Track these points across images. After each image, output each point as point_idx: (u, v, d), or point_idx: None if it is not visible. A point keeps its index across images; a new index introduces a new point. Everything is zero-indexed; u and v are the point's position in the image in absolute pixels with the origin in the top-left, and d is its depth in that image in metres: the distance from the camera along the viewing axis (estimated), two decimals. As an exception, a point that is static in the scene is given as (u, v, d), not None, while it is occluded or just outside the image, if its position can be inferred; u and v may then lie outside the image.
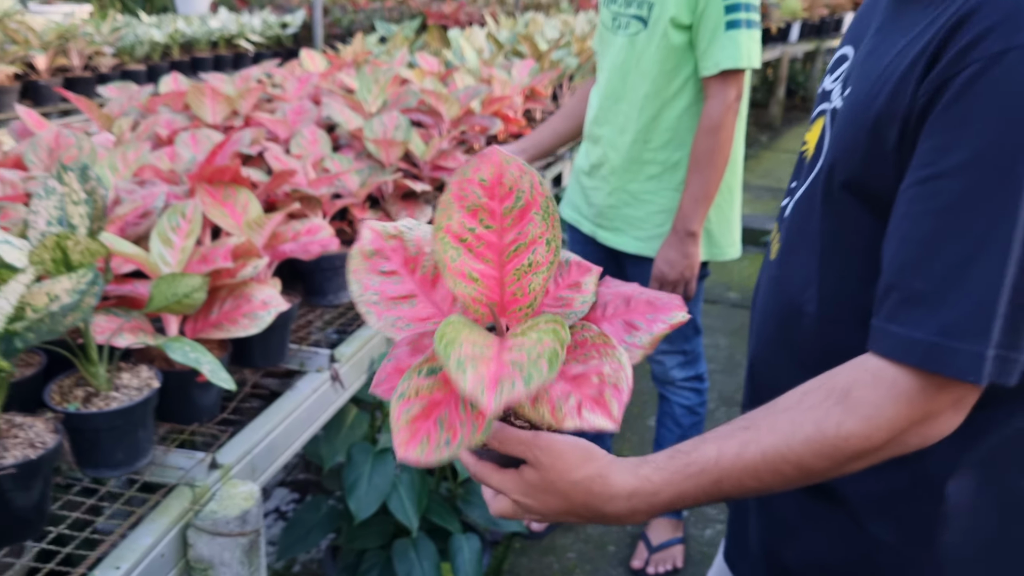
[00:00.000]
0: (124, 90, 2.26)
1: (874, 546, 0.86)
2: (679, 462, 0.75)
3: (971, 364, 0.69)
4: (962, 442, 0.79)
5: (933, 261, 0.70)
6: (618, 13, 1.97)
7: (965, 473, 0.82)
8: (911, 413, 0.71)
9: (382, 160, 1.93)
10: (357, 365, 1.58)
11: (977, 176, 0.68)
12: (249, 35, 4.62)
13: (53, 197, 1.11)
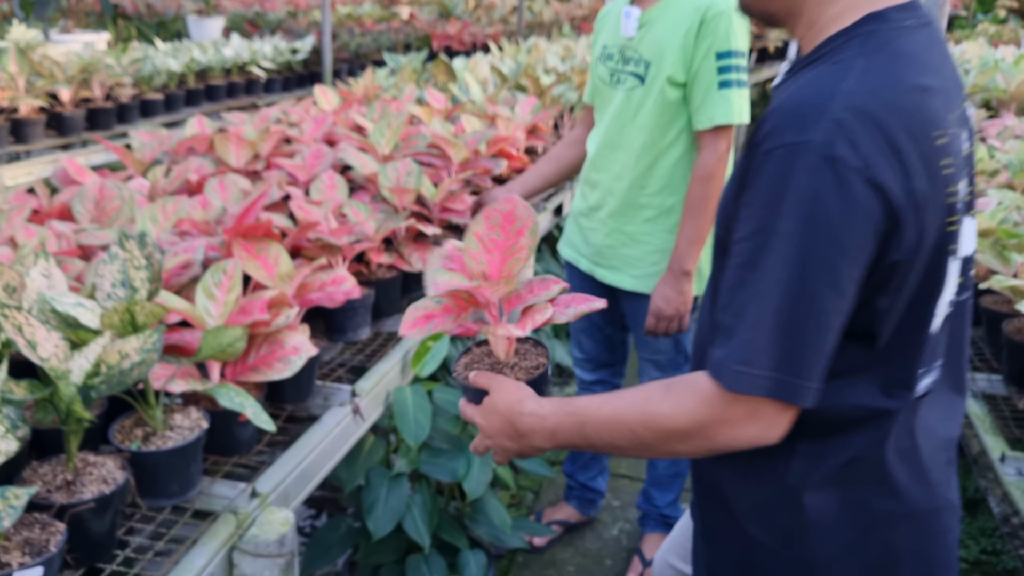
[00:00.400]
0: (154, 135, 2.43)
1: (758, 547, 1.06)
2: (563, 402, 1.05)
3: (743, 382, 0.90)
4: (813, 462, 1.00)
5: (732, 302, 0.92)
6: (615, 70, 2.13)
7: (818, 489, 1.01)
8: (708, 412, 0.94)
9: (395, 204, 2.10)
10: (375, 398, 1.75)
11: (755, 243, 0.90)
12: (261, 62, 4.80)
13: (116, 262, 1.28)
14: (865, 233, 0.87)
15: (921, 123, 0.89)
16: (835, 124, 0.86)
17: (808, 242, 0.87)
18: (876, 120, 0.87)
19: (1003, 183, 2.64)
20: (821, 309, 0.88)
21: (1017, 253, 1.92)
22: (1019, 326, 1.83)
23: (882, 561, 1.03)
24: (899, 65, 0.91)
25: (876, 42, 0.93)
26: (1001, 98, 4.01)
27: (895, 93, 0.89)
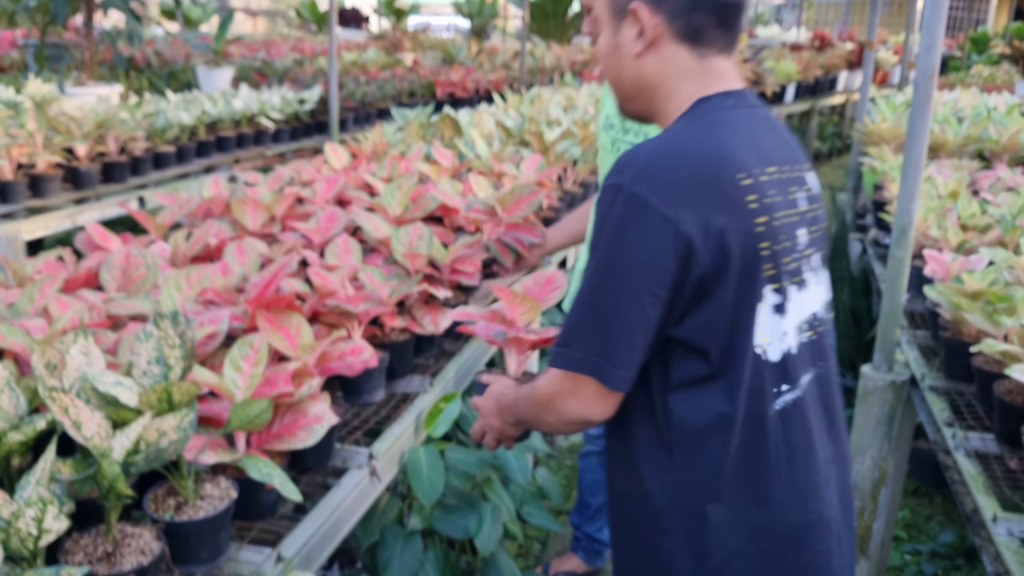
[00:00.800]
0: (174, 198, 2.52)
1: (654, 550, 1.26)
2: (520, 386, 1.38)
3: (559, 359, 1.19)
4: (687, 471, 1.20)
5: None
6: (616, 139, 2.23)
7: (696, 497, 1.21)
8: (549, 387, 1.23)
9: (408, 268, 2.18)
10: (390, 459, 1.81)
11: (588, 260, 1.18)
12: (270, 112, 4.92)
13: (151, 340, 1.36)
14: (661, 252, 1.11)
15: (722, 166, 1.14)
16: (640, 169, 1.13)
17: (613, 257, 1.14)
18: (674, 165, 1.13)
19: (995, 239, 2.71)
20: (624, 309, 1.13)
21: (1007, 316, 1.99)
22: (1010, 387, 1.90)
23: (757, 569, 1.20)
24: (709, 127, 1.18)
25: (696, 114, 1.21)
26: (994, 149, 4.11)
27: (697, 144, 1.15)
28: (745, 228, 1.13)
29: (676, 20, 1.22)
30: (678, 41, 1.23)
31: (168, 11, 9.31)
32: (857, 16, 21.63)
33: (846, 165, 9.69)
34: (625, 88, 1.30)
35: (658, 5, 1.22)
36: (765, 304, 1.17)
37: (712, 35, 1.23)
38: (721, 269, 1.13)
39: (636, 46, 1.24)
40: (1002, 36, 13.01)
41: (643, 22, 1.22)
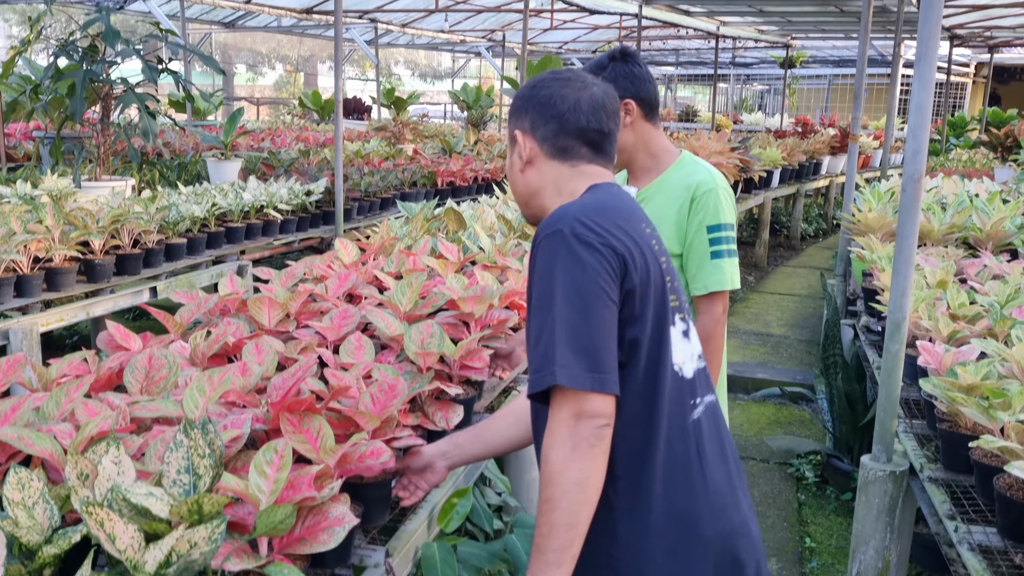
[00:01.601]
0: (191, 296, 2.60)
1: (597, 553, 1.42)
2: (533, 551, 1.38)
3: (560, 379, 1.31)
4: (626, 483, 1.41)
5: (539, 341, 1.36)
6: None
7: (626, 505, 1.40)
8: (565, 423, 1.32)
9: (420, 366, 2.25)
10: (405, 555, 1.85)
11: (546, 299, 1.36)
12: (278, 204, 5.05)
13: (181, 449, 1.42)
14: (609, 270, 1.35)
15: (631, 215, 1.45)
16: (574, 218, 1.39)
17: (573, 286, 1.34)
18: (599, 212, 1.41)
19: (984, 329, 2.80)
20: (600, 321, 1.33)
21: (1003, 411, 2.05)
22: (1010, 481, 1.95)
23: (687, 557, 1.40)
24: (609, 194, 1.50)
25: (593, 190, 1.52)
26: (978, 237, 4.23)
27: (611, 200, 1.47)
28: (655, 262, 1.43)
29: (545, 143, 1.56)
30: (550, 158, 1.56)
31: (176, 102, 9.59)
32: (837, 101, 22.26)
33: (832, 246, 9.87)
34: (519, 196, 1.63)
35: (531, 132, 1.56)
36: (676, 329, 1.45)
37: (580, 152, 1.56)
38: (646, 290, 1.39)
39: (519, 164, 1.59)
40: (978, 120, 13.40)
41: (519, 145, 1.58)
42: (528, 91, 1.59)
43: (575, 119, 1.54)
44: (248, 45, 29.04)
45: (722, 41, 14.66)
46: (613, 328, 1.35)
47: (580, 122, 1.54)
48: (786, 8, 10.84)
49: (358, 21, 12.95)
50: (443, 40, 15.86)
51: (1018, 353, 2.34)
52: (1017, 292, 3.08)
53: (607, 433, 1.33)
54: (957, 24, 11.26)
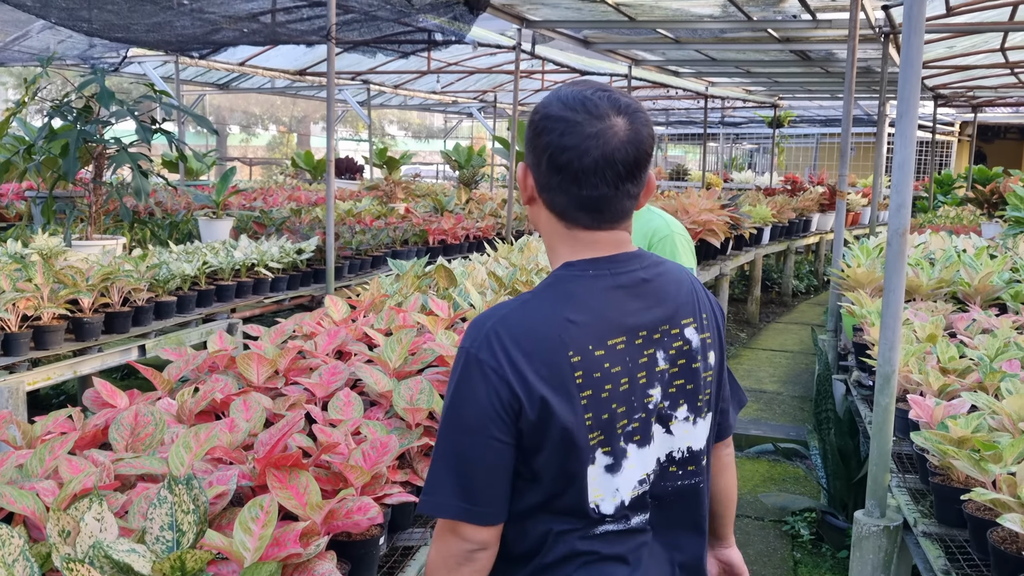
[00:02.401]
0: (180, 353, 2.59)
1: None
2: None
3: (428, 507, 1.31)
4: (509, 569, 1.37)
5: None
6: None
7: None
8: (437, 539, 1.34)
9: (409, 421, 2.23)
10: (392, 618, 1.81)
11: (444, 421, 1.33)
12: (268, 262, 5.06)
13: (164, 505, 1.40)
14: (499, 406, 1.28)
15: (554, 345, 1.29)
16: (485, 336, 1.30)
17: (460, 413, 1.30)
18: (514, 337, 1.29)
19: (975, 383, 2.80)
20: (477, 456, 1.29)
21: (994, 463, 2.04)
22: (1004, 535, 1.93)
23: None
24: (553, 302, 1.32)
25: (550, 283, 1.36)
26: (967, 292, 4.27)
27: (537, 320, 1.30)
28: (567, 401, 1.29)
29: (542, 193, 1.38)
30: (547, 209, 1.39)
31: (170, 162, 9.67)
32: (825, 159, 22.61)
33: (823, 302, 9.93)
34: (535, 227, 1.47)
35: (532, 170, 1.38)
36: (595, 466, 1.32)
37: (575, 216, 1.36)
38: (544, 431, 1.29)
39: (524, 196, 1.43)
40: (964, 177, 13.61)
41: (523, 180, 1.40)
42: (532, 128, 1.36)
43: (571, 184, 1.32)
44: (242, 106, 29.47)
45: (711, 101, 14.93)
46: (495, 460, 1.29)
47: (576, 190, 1.32)
48: (772, 69, 11.08)
49: (351, 83, 13.17)
50: (435, 101, 16.11)
51: (1008, 406, 2.34)
52: (1006, 346, 3.10)
53: (480, 556, 1.32)
54: (941, 84, 11.52)
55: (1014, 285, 4.27)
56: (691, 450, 1.42)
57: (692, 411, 1.42)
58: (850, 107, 5.27)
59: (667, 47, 9.17)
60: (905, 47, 2.23)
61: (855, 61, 5.23)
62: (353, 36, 7.89)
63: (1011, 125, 21.22)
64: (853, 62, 5.21)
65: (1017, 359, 2.95)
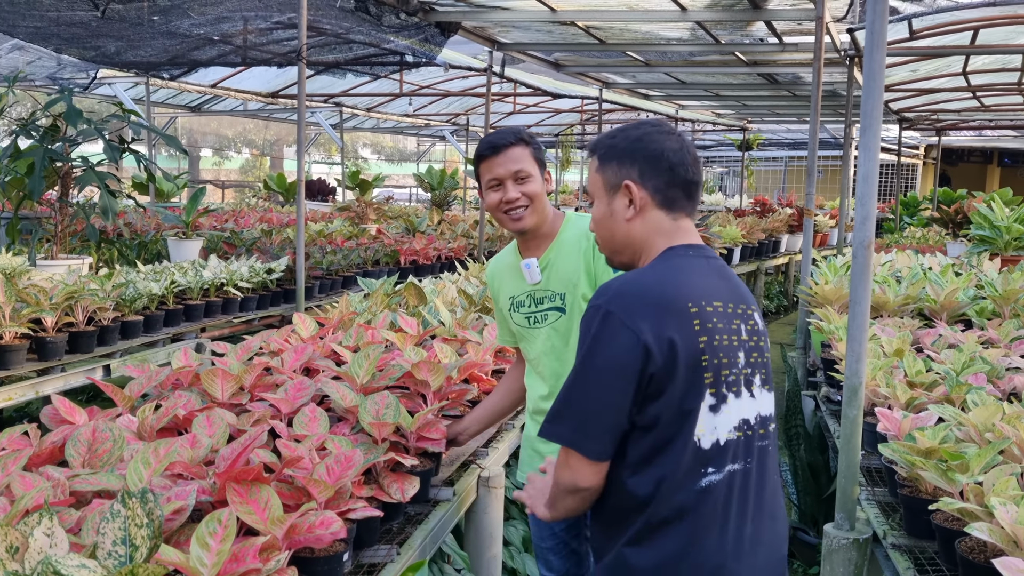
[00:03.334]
0: (142, 369, 2.54)
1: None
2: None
3: (547, 433, 1.58)
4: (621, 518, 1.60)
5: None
6: (530, 313, 2.38)
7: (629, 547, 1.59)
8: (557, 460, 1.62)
9: (375, 436, 2.20)
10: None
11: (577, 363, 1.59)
12: (238, 282, 5.01)
13: (118, 520, 1.36)
14: (628, 353, 1.50)
15: (673, 297, 1.55)
16: (615, 294, 1.56)
17: (594, 357, 1.53)
18: (637, 293, 1.56)
19: (941, 396, 2.82)
20: (599, 396, 1.52)
21: (961, 473, 2.05)
22: (972, 544, 1.93)
23: None
24: (667, 269, 1.62)
25: (662, 258, 1.65)
26: (933, 308, 4.31)
27: (657, 279, 1.59)
28: (689, 342, 1.53)
29: (657, 194, 1.66)
30: (658, 208, 1.66)
31: (140, 184, 9.58)
32: (793, 182, 22.91)
33: (793, 322, 9.99)
34: (616, 245, 1.71)
35: (644, 182, 1.65)
36: (704, 403, 1.55)
37: (681, 203, 1.68)
38: (671, 370, 1.52)
39: (628, 213, 1.67)
40: (930, 199, 13.83)
41: (634, 195, 1.65)
42: (631, 143, 1.67)
43: (683, 171, 1.66)
44: (214, 129, 29.33)
45: (681, 124, 15.09)
46: (614, 403, 1.52)
47: (687, 174, 1.67)
48: (741, 93, 11.23)
49: (323, 105, 13.16)
50: (408, 124, 16.15)
51: (974, 417, 2.35)
52: (972, 360, 3.13)
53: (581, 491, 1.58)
54: (905, 107, 11.72)
55: (979, 302, 4.33)
56: (767, 416, 1.69)
57: (765, 382, 1.69)
58: (816, 127, 5.34)
59: (637, 70, 9.27)
60: (867, 61, 2.26)
61: (820, 83, 5.31)
62: (325, 58, 7.89)
63: (974, 148, 21.65)
64: (819, 83, 5.29)
65: (983, 373, 2.98)
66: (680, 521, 1.55)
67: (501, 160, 2.29)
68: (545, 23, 6.77)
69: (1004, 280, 4.40)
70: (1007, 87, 9.52)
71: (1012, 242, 5.77)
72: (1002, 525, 1.74)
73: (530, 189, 2.31)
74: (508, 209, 2.32)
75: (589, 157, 1.77)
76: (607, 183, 1.69)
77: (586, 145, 11.33)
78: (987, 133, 16.57)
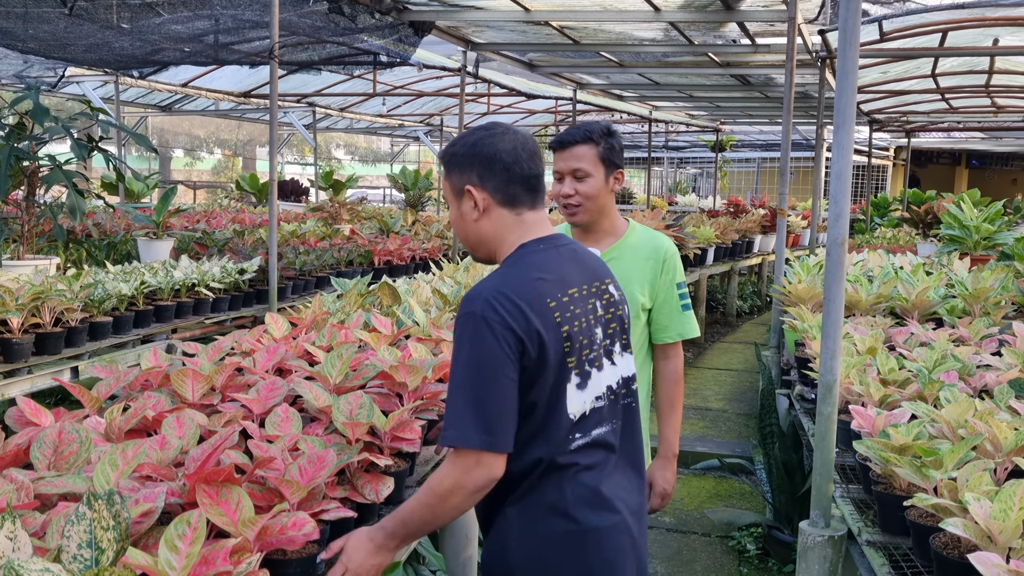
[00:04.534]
0: (111, 370, 2.49)
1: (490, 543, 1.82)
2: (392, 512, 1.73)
3: (459, 440, 1.62)
4: (507, 486, 1.71)
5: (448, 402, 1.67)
6: None
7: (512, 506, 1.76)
8: (454, 468, 1.64)
9: (348, 436, 2.17)
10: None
11: (453, 369, 1.67)
12: (210, 283, 4.95)
13: (83, 522, 1.32)
14: (508, 351, 1.63)
15: (536, 295, 1.69)
16: (484, 301, 1.65)
17: (480, 357, 1.62)
18: (507, 296, 1.66)
19: (914, 393, 2.84)
20: (496, 393, 1.62)
21: (935, 469, 2.06)
22: (946, 540, 1.94)
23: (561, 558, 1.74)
24: (524, 268, 1.74)
25: (514, 259, 1.77)
26: (904, 307, 4.35)
27: (518, 282, 1.70)
28: (554, 335, 1.69)
29: (497, 193, 1.77)
30: (500, 206, 1.78)
31: (109, 184, 9.44)
32: (766, 183, 23.11)
33: (766, 322, 10.07)
34: (471, 243, 1.85)
35: (483, 184, 1.77)
36: (571, 384, 1.73)
37: (523, 198, 1.79)
38: (541, 362, 1.67)
39: (474, 214, 1.79)
40: (900, 200, 14.00)
41: (475, 198, 1.78)
42: (468, 148, 1.78)
43: (519, 168, 1.77)
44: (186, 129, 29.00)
45: (655, 125, 15.15)
46: (508, 396, 1.64)
47: (524, 170, 1.78)
48: (714, 94, 11.29)
49: (296, 105, 13.06)
50: (382, 124, 16.07)
51: (947, 414, 2.37)
52: (943, 358, 3.15)
53: (490, 485, 1.65)
54: (876, 109, 11.85)
55: (949, 300, 4.37)
56: (628, 377, 1.90)
57: (624, 347, 1.90)
58: (788, 128, 5.38)
59: (611, 71, 9.29)
60: (841, 59, 2.27)
61: (793, 83, 5.34)
62: (298, 57, 7.82)
63: (943, 150, 21.95)
64: (791, 84, 5.32)
65: (954, 370, 3.00)
66: (557, 479, 1.73)
67: (565, 156, 2.47)
68: (519, 23, 6.76)
69: (974, 279, 4.45)
70: (975, 89, 9.66)
71: (981, 242, 5.84)
72: (976, 520, 1.74)
73: (584, 188, 2.47)
74: (564, 203, 2.51)
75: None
76: (453, 188, 1.82)
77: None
78: (956, 135, 16.83)
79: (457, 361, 1.65)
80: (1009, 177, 22.91)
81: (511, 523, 1.76)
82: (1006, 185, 22.10)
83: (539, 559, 1.74)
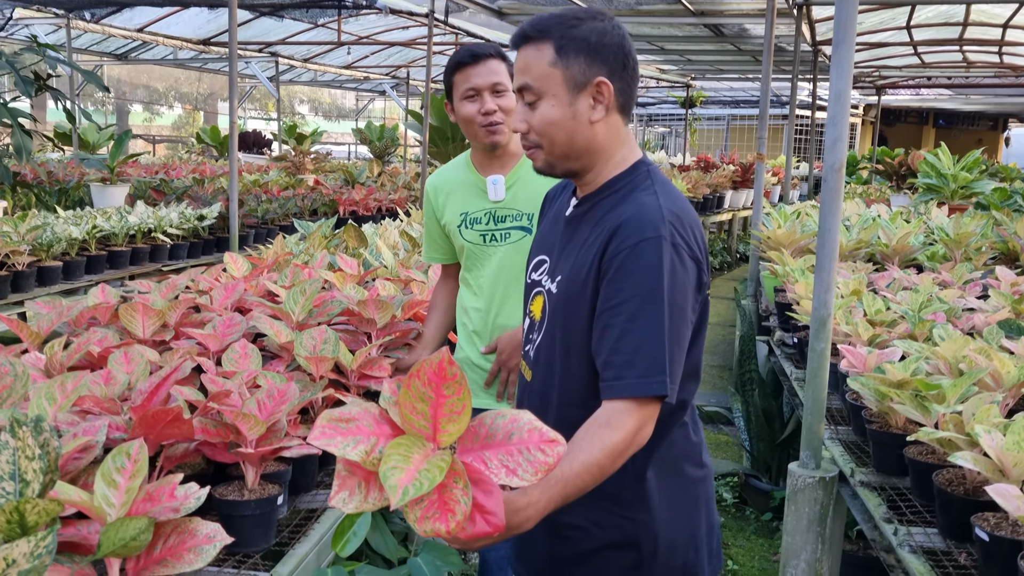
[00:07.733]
0: (52, 305, 2.30)
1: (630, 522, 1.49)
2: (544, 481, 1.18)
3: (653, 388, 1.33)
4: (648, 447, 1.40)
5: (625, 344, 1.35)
6: (487, 231, 2.23)
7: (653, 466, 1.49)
8: (636, 422, 1.32)
9: (312, 373, 2.01)
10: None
11: (637, 300, 1.36)
12: (167, 228, 4.72)
13: (6, 452, 1.15)
14: (692, 282, 1.42)
15: (696, 219, 1.49)
16: (668, 223, 1.40)
17: (669, 294, 1.37)
18: (679, 217, 1.43)
19: (904, 333, 2.74)
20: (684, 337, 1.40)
21: (938, 404, 1.95)
22: (950, 477, 1.84)
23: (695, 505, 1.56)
24: (673, 187, 1.52)
25: (656, 176, 1.52)
26: (885, 252, 4.26)
27: (682, 203, 1.49)
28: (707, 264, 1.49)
29: (620, 96, 1.48)
30: (618, 112, 1.50)
31: (63, 134, 9.05)
32: (736, 140, 23.04)
33: (737, 278, 10.03)
34: (575, 150, 1.49)
35: (613, 82, 1.46)
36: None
37: (630, 108, 1.54)
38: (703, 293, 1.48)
39: (595, 114, 1.46)
40: (868, 158, 14.00)
41: (606, 95, 1.46)
42: (599, 36, 1.44)
43: (636, 74, 1.52)
44: (144, 81, 28.13)
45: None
46: (686, 336, 1.42)
47: (637, 77, 1.53)
48: (686, 47, 11.09)
49: (258, 55, 12.65)
50: (347, 77, 15.66)
51: (944, 350, 2.27)
52: (929, 301, 3.06)
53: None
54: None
55: (930, 247, 4.29)
56: None
57: None
58: (769, 67, 5.24)
59: (584, 19, 9.03)
60: (842, -29, 2.11)
61: (774, 21, 5.18)
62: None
63: (911, 109, 22.01)
64: (772, 22, 5.17)
65: (942, 312, 2.91)
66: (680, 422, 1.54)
67: (481, 70, 2.16)
68: (490, -36, 6.50)
69: (956, 224, 4.37)
70: (948, 43, 9.57)
71: (959, 191, 5.77)
72: (987, 453, 1.63)
73: (507, 103, 2.18)
74: (487, 123, 2.17)
75: (522, 45, 1.48)
76: (571, 79, 1.44)
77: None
78: (924, 93, 16.81)
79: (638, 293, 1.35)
80: (975, 136, 23.06)
81: (650, 485, 1.49)
82: (971, 144, 22.07)
83: (685, 516, 1.54)
